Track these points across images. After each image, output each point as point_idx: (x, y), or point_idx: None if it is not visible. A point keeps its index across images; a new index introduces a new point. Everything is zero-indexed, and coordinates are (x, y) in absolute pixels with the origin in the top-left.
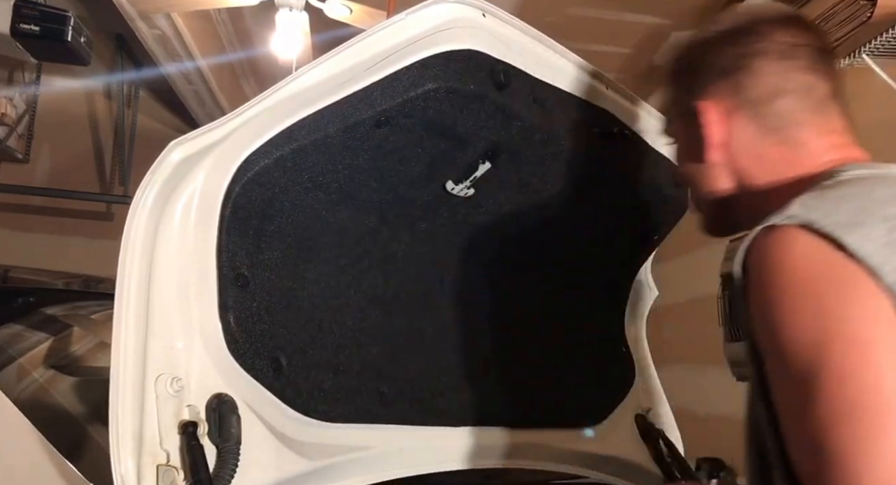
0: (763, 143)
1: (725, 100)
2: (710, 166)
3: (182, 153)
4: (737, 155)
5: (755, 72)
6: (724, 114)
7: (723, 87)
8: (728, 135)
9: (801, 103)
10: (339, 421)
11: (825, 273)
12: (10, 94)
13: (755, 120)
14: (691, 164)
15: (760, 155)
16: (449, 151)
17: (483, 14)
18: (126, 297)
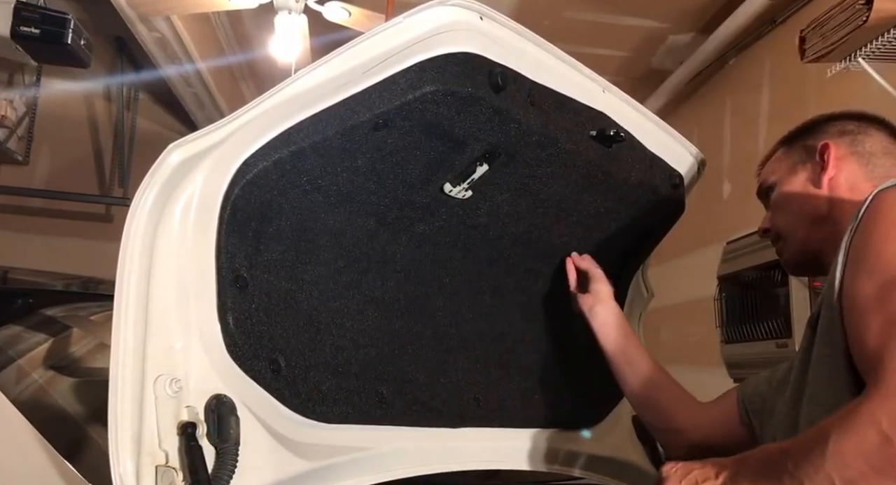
0: (866, 183)
1: (843, 146)
2: (820, 194)
3: (181, 155)
4: (841, 188)
5: (871, 135)
6: (842, 155)
7: (844, 140)
8: (839, 171)
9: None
10: (338, 422)
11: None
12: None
13: (863, 165)
14: (801, 194)
15: (861, 191)
16: (447, 153)
17: (481, 17)
18: (125, 298)
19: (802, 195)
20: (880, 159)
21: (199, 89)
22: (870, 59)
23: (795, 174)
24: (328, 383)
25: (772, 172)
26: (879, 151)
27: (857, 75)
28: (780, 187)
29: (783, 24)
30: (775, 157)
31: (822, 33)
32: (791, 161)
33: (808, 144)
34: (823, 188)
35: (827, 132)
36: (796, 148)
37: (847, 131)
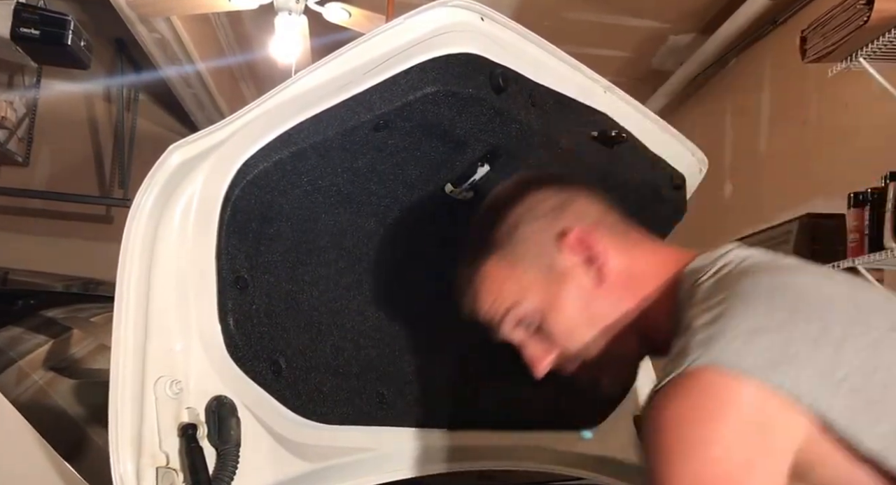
0: (628, 250)
1: (582, 222)
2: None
3: (181, 156)
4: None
5: (580, 197)
6: (591, 232)
7: (571, 216)
8: (604, 249)
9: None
10: (339, 423)
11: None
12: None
13: (611, 233)
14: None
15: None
16: (448, 154)
17: (482, 18)
18: (125, 299)
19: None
20: (609, 218)
21: (199, 90)
22: (871, 59)
23: (563, 284)
24: (329, 384)
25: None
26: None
27: (859, 75)
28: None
29: (784, 25)
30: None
31: (823, 33)
32: (538, 274)
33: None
34: (612, 283)
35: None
36: (528, 253)
37: (559, 207)
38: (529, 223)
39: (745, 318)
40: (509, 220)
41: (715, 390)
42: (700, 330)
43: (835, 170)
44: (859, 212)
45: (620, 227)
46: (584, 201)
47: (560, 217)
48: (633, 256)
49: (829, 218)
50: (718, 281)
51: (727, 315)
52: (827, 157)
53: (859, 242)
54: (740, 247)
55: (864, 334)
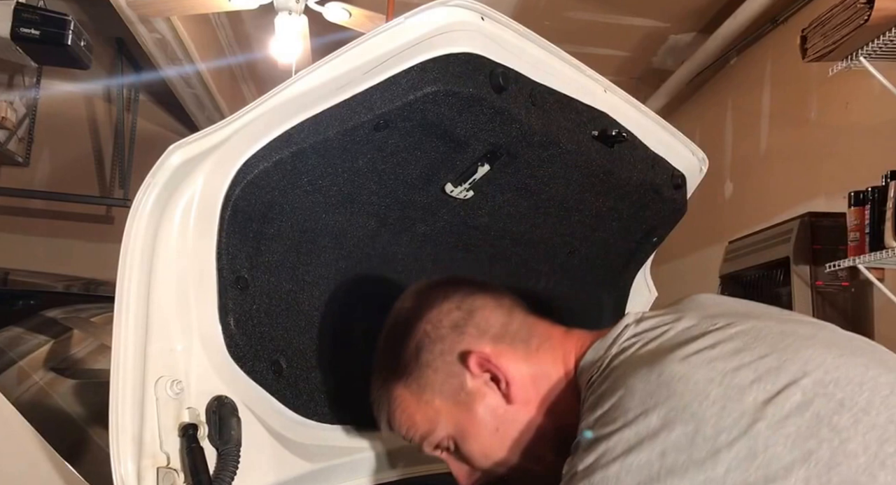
0: (532, 359)
1: (484, 342)
2: (520, 408)
3: (182, 156)
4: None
5: (482, 307)
6: (493, 352)
7: (473, 334)
8: (509, 368)
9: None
10: (340, 423)
11: None
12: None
13: (513, 344)
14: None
15: (538, 370)
16: (448, 153)
17: (482, 17)
18: (126, 300)
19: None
20: (513, 323)
21: (199, 90)
22: (871, 58)
23: (473, 408)
24: (330, 384)
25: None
26: (501, 314)
27: (859, 74)
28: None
29: (784, 24)
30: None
31: (823, 32)
32: (445, 400)
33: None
34: (522, 402)
35: (446, 338)
36: (433, 379)
37: (461, 322)
38: (431, 346)
39: (615, 436)
40: (412, 342)
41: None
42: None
43: (835, 169)
44: (860, 211)
45: (523, 331)
46: (484, 313)
47: (462, 335)
48: (537, 362)
49: (830, 217)
50: (602, 382)
51: (605, 437)
52: (827, 156)
53: (860, 241)
54: (634, 324)
55: (736, 423)
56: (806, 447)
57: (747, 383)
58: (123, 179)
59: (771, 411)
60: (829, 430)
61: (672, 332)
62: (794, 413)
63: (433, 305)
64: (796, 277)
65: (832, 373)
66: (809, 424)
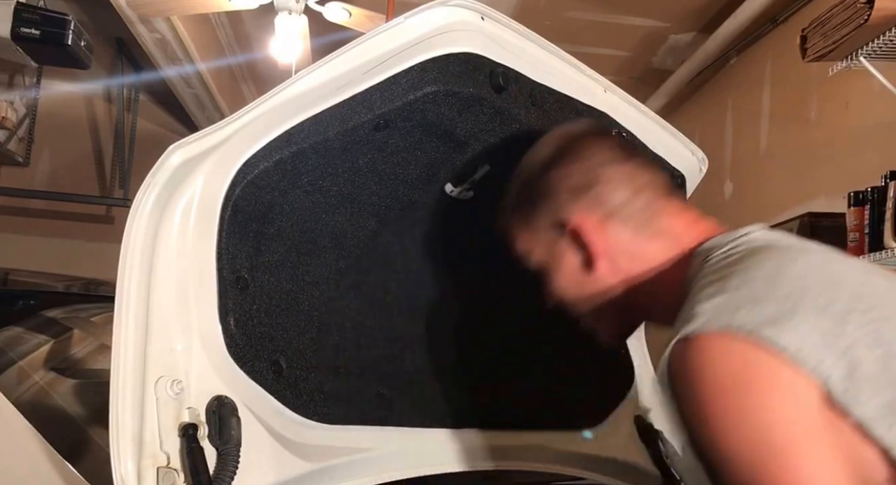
0: (639, 241)
1: (593, 213)
2: (599, 278)
3: (182, 156)
4: (620, 260)
5: (608, 181)
6: (598, 225)
7: (585, 203)
8: (607, 243)
9: (652, 194)
10: (339, 423)
11: (747, 380)
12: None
13: (625, 223)
14: (576, 281)
15: (640, 253)
16: (448, 153)
17: (482, 17)
18: (126, 299)
19: (581, 289)
20: (635, 204)
21: (199, 90)
22: (871, 58)
23: (560, 261)
24: (329, 384)
25: (529, 252)
26: (627, 192)
27: (859, 74)
28: (551, 275)
29: (784, 24)
30: (519, 234)
31: (823, 32)
32: (545, 243)
33: (551, 221)
34: (600, 272)
35: (560, 197)
36: (540, 225)
37: (580, 188)
38: (547, 197)
39: (751, 288)
40: (534, 187)
41: (727, 355)
42: (707, 298)
43: (835, 169)
44: (860, 211)
45: (647, 211)
46: (610, 186)
47: (576, 200)
48: (643, 245)
49: (830, 217)
50: (728, 259)
51: (733, 286)
52: (827, 156)
53: (860, 242)
54: (762, 229)
55: (868, 312)
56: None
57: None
58: (123, 179)
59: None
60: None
61: (802, 242)
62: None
63: (565, 162)
64: None
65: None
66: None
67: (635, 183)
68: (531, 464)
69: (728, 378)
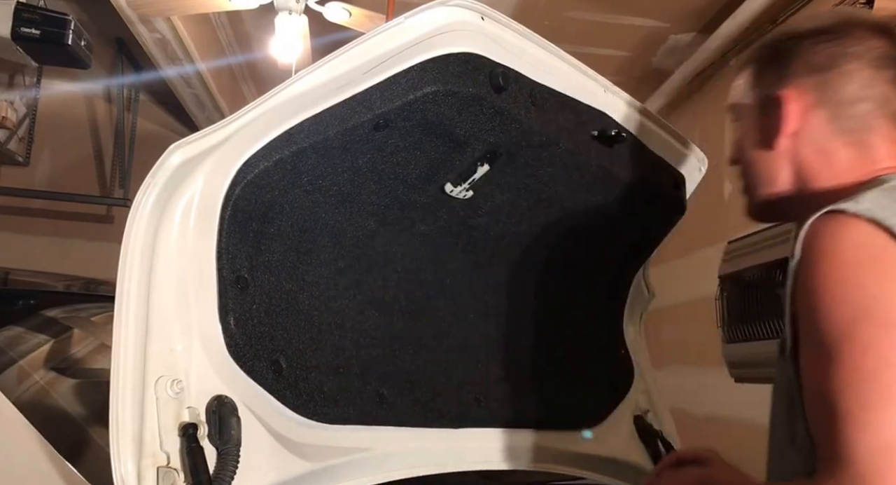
0: (834, 141)
1: (810, 94)
2: (776, 154)
3: (182, 156)
4: (805, 148)
5: (846, 74)
6: (805, 107)
7: (811, 83)
8: (802, 127)
9: (879, 111)
10: (339, 423)
11: (877, 260)
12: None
13: (833, 119)
14: (756, 150)
15: (828, 152)
16: (447, 153)
17: (482, 17)
18: (126, 299)
19: (757, 154)
20: (857, 107)
21: (199, 90)
22: None
23: (753, 119)
24: (329, 384)
25: (738, 97)
26: (855, 92)
27: None
28: (740, 130)
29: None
30: (745, 79)
31: None
32: (747, 109)
33: (770, 87)
34: (780, 149)
35: (796, 66)
36: (759, 88)
37: (817, 67)
38: (785, 62)
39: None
40: (784, 47)
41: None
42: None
43: None
44: None
45: (856, 121)
46: (842, 78)
47: (804, 76)
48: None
49: None
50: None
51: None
52: None
53: None
54: None
55: None
56: None
57: None
58: (123, 179)
59: None
60: None
61: None
62: None
63: (823, 38)
64: None
65: None
66: None
67: (871, 90)
68: (531, 464)
69: (864, 255)
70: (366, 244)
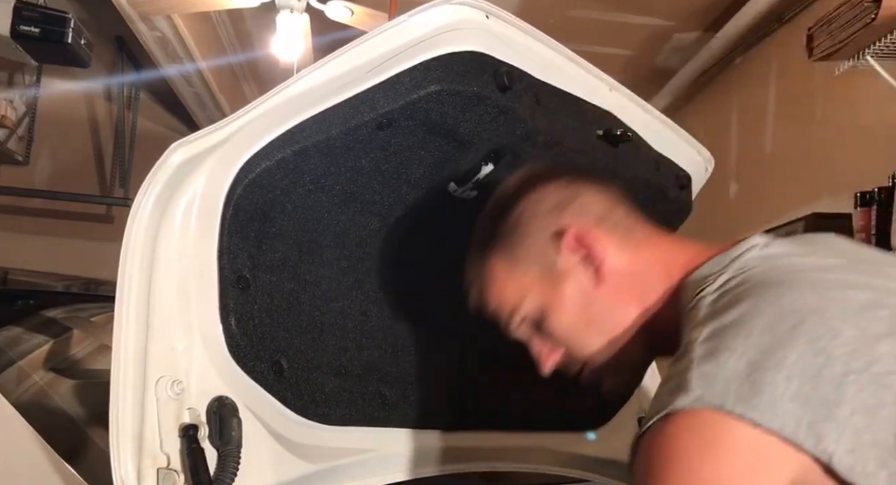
0: (628, 252)
1: (584, 220)
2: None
3: (183, 155)
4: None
5: (587, 192)
6: (592, 231)
7: (573, 213)
8: (605, 251)
9: (628, 207)
10: (341, 424)
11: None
12: (10, 97)
13: (612, 232)
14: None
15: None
16: (451, 153)
17: (486, 15)
18: (126, 299)
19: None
20: (615, 213)
21: (200, 89)
22: (878, 57)
23: (562, 285)
24: (331, 385)
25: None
26: (606, 203)
27: (866, 73)
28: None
29: (790, 23)
30: (503, 276)
31: (829, 31)
32: (537, 274)
33: (541, 244)
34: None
35: (543, 217)
36: (528, 254)
37: (562, 203)
38: (531, 221)
39: (742, 354)
40: (513, 216)
41: (710, 431)
42: (695, 365)
43: (841, 169)
44: (866, 212)
45: (626, 222)
46: (588, 197)
47: (562, 214)
48: (636, 256)
49: (836, 218)
50: (720, 299)
51: (724, 350)
52: (833, 156)
53: (866, 243)
54: (762, 246)
55: (867, 368)
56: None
57: (883, 333)
58: (124, 178)
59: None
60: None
61: (808, 262)
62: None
63: (538, 184)
64: None
65: None
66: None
67: (610, 195)
68: (534, 466)
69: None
70: (368, 244)
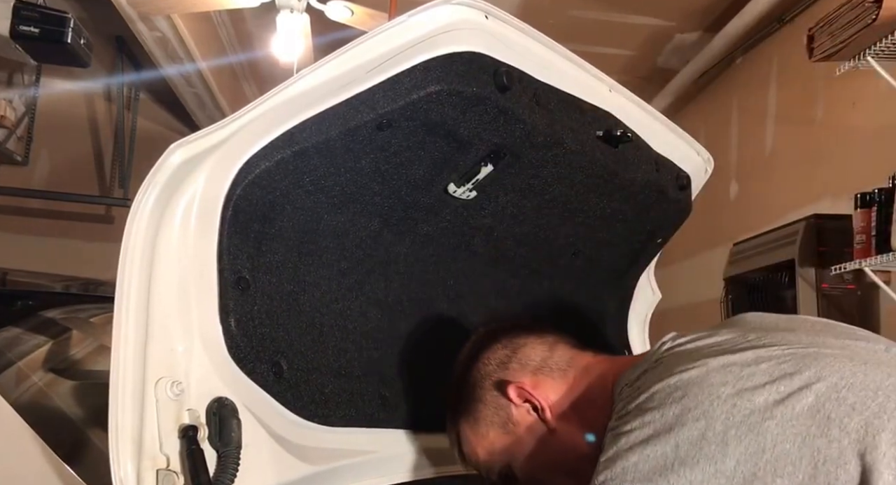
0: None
1: (524, 374)
2: (560, 431)
3: (183, 155)
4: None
5: (525, 345)
6: (532, 382)
7: (514, 369)
8: (548, 396)
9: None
10: (341, 425)
11: None
12: (9, 97)
13: (552, 374)
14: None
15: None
16: (451, 153)
17: (486, 16)
18: (126, 300)
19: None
20: (554, 355)
21: (200, 89)
22: (879, 57)
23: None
24: (331, 386)
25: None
26: (544, 349)
27: (866, 74)
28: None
29: (791, 23)
30: (475, 437)
31: (830, 32)
32: (499, 428)
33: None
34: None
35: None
36: (486, 414)
37: (505, 361)
38: (481, 383)
39: (635, 431)
40: (468, 383)
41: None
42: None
43: (842, 170)
44: (866, 213)
45: (565, 360)
46: (527, 350)
47: (506, 370)
48: (576, 384)
49: (836, 219)
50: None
51: (620, 435)
52: (834, 157)
53: (866, 244)
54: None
55: (744, 421)
56: (815, 445)
57: (760, 384)
58: (123, 179)
59: (781, 411)
60: (839, 430)
61: (701, 343)
62: (804, 414)
63: (485, 347)
64: (801, 280)
65: (848, 379)
66: (819, 424)
67: (547, 341)
68: None
69: None
70: (368, 245)
